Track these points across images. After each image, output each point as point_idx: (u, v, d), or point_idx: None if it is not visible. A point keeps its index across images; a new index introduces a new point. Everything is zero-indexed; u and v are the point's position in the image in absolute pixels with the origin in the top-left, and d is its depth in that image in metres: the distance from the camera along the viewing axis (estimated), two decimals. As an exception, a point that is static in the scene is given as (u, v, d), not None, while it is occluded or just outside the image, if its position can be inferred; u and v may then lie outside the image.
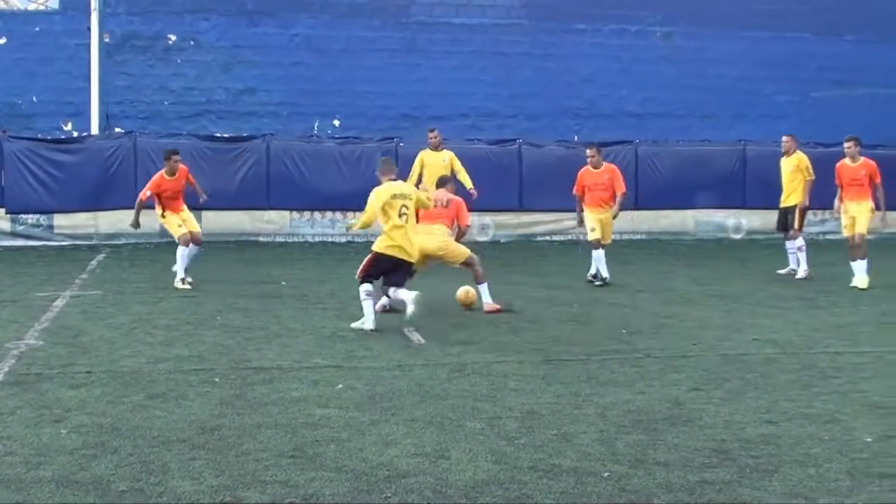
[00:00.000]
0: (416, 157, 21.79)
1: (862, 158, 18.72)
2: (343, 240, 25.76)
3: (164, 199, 18.36)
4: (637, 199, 26.62)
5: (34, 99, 28.18)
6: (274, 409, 9.61)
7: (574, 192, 19.03)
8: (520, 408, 9.70)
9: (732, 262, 23.00)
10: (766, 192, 22.77)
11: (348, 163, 26.18)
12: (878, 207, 18.67)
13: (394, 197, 14.38)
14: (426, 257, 15.61)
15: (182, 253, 18.20)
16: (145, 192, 18.36)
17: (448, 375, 11.13)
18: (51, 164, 25.45)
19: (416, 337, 13.37)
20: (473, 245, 25.13)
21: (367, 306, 14.13)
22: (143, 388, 10.44)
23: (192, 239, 18.41)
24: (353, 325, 14.17)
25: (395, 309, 15.01)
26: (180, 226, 18.39)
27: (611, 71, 30.82)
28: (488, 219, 27.09)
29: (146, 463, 7.96)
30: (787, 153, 20.38)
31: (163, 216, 18.52)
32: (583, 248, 20.87)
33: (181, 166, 18.73)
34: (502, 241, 27.08)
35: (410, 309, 13.85)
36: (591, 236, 18.81)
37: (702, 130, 30.59)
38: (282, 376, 11.06)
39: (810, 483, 7.60)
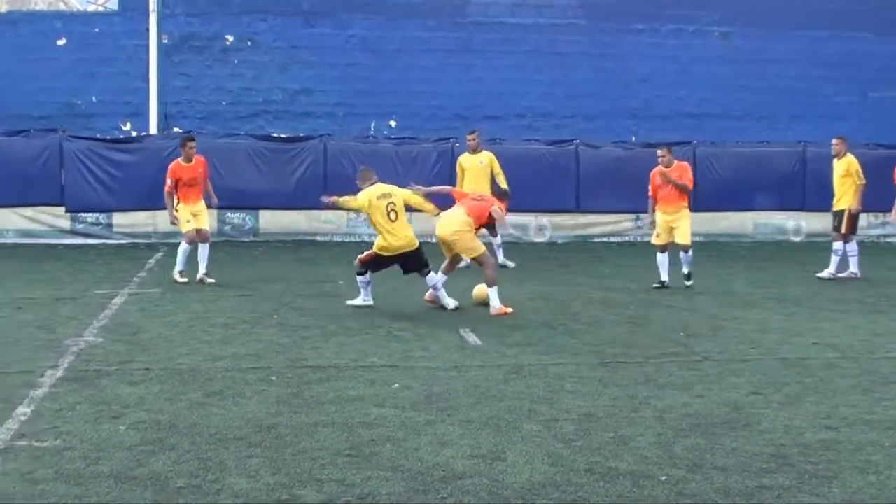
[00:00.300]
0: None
1: None
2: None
3: (180, 187, 18.53)
4: (695, 201, 26.48)
5: (93, 99, 28.36)
6: (330, 408, 9.64)
7: (649, 194, 18.78)
8: (576, 410, 9.67)
9: (792, 264, 22.75)
10: (825, 195, 22.47)
11: (404, 163, 26.11)
12: None
13: (379, 197, 15.34)
14: (444, 244, 15.90)
15: (184, 249, 18.55)
16: (168, 183, 18.60)
17: (504, 377, 11.12)
18: (110, 163, 25.63)
19: (472, 338, 13.36)
20: (530, 246, 25.25)
21: (363, 286, 15.75)
22: (201, 386, 10.51)
23: (200, 236, 18.60)
24: (350, 301, 15.73)
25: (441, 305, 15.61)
26: (189, 221, 18.53)
27: (668, 71, 30.57)
28: (545, 219, 26.99)
29: (203, 460, 8.01)
30: (838, 156, 20.15)
31: (176, 208, 18.66)
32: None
33: (200, 158, 18.97)
34: (559, 241, 26.97)
35: (451, 305, 15.51)
36: (654, 240, 18.67)
37: (760, 131, 30.30)
38: (338, 375, 11.09)
39: (870, 490, 7.52)
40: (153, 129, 27.35)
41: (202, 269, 18.45)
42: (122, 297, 16.56)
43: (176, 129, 27.51)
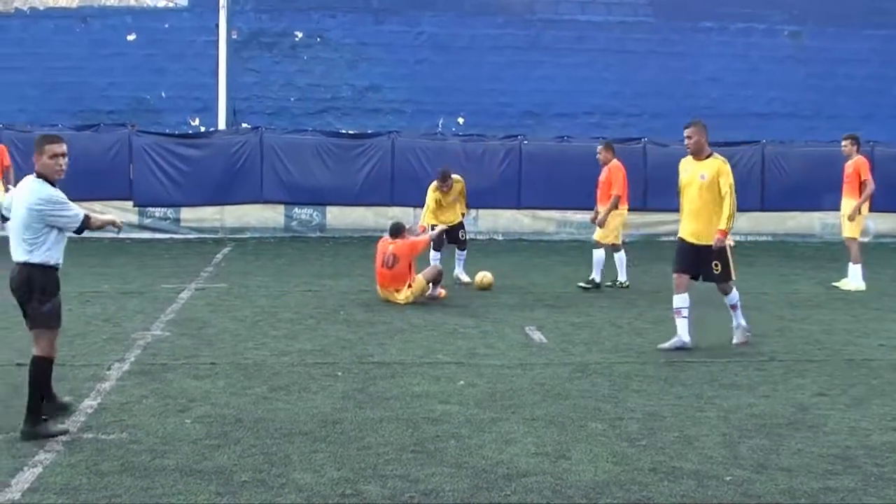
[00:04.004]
0: (537, 154, 21.47)
1: None
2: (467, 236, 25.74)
3: None
4: (763, 200, 26.35)
5: (163, 94, 28.67)
6: (395, 404, 9.67)
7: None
8: (641, 409, 9.65)
9: (859, 265, 22.50)
10: (895, 195, 22.28)
11: (472, 160, 26.08)
12: None
13: None
14: None
15: None
16: None
17: (570, 375, 11.10)
18: (178, 158, 25.81)
19: (537, 336, 13.35)
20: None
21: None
22: (267, 381, 10.57)
23: None
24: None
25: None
26: None
27: (737, 70, 30.41)
28: (611, 217, 26.93)
29: (268, 454, 8.06)
30: None
31: None
32: None
33: (2, 146, 21.90)
34: (626, 240, 26.82)
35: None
36: None
37: (828, 131, 29.89)
38: (403, 371, 11.12)
39: (938, 493, 7.45)
40: (222, 125, 27.57)
41: None
42: (189, 292, 16.69)
43: (244, 125, 27.70)
